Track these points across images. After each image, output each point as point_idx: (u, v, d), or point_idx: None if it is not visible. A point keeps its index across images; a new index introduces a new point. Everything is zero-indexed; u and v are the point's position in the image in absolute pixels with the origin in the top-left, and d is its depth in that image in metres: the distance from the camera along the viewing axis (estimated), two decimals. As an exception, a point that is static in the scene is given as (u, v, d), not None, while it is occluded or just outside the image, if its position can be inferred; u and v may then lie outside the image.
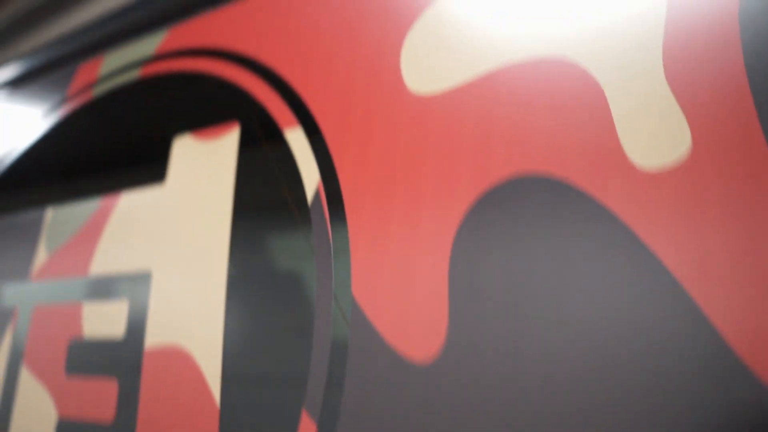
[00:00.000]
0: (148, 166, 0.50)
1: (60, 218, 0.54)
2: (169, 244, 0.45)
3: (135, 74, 0.56)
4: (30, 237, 0.56)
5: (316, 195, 0.39)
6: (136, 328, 0.44)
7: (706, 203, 0.27)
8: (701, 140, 0.28)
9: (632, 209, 0.28)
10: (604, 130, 0.30)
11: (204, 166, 0.46)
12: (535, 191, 0.31)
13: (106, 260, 0.49)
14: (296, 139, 0.42)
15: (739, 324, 0.25)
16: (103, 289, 0.48)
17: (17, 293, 0.54)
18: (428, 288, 0.32)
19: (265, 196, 0.42)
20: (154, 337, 0.43)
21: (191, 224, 0.44)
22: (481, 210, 0.32)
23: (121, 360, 0.44)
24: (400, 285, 0.33)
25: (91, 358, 0.46)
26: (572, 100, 0.32)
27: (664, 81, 0.29)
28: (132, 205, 0.49)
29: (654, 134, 0.29)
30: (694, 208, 0.27)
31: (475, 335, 0.30)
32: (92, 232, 0.51)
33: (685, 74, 0.29)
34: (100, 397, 0.44)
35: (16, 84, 0.73)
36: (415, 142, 0.36)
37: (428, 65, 0.38)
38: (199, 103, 0.50)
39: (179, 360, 0.40)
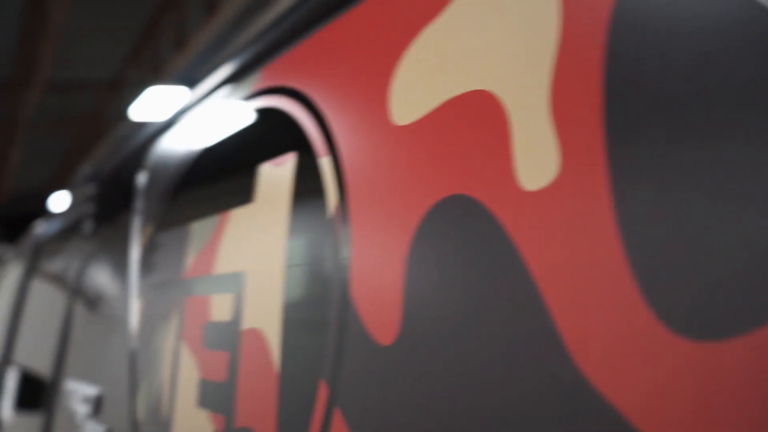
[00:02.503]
0: (244, 188, 0.65)
1: (199, 230, 0.73)
2: (254, 250, 0.60)
3: (243, 108, 0.72)
4: (184, 246, 0.75)
5: (335, 212, 0.50)
6: (237, 314, 0.60)
7: (569, 217, 0.33)
8: (567, 168, 0.33)
9: (514, 220, 0.35)
10: (504, 157, 0.37)
11: (276, 188, 0.60)
12: (460, 209, 0.39)
13: (223, 263, 0.65)
14: (325, 165, 0.53)
15: (577, 323, 0.31)
16: (220, 285, 0.64)
17: (178, 288, 0.74)
18: (390, 285, 0.42)
19: (306, 212, 0.54)
20: (246, 322, 0.58)
21: (269, 235, 0.59)
22: (428, 223, 0.41)
23: (230, 338, 0.60)
24: (377, 284, 0.44)
25: (214, 336, 0.63)
26: (485, 133, 0.39)
27: (549, 115, 0.35)
28: (236, 219, 0.65)
29: (533, 160, 0.35)
30: (560, 220, 0.33)
31: (424, 322, 0.40)
32: (215, 241, 0.68)
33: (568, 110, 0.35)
34: (219, 364, 0.61)
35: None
36: (395, 166, 0.45)
37: (404, 102, 0.46)
38: (276, 135, 0.63)
39: (258, 338, 0.55)
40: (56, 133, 10.22)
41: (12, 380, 1.74)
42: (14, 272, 2.21)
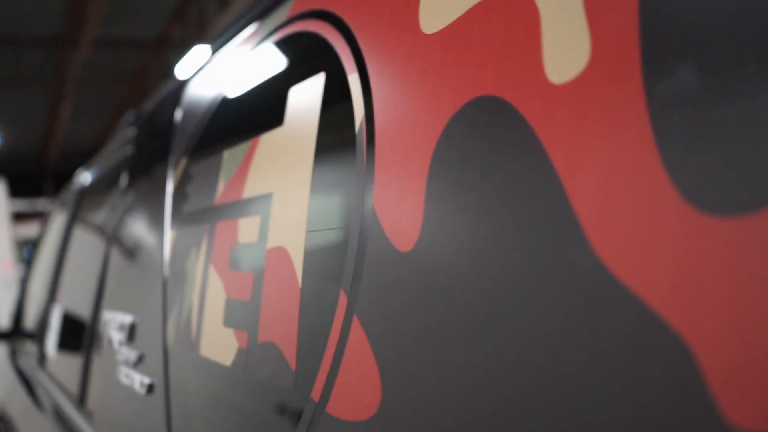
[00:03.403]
0: (274, 113, 0.65)
1: (230, 158, 0.73)
2: (282, 172, 0.60)
3: (275, 37, 0.71)
4: (216, 174, 0.76)
5: (360, 126, 0.49)
6: (263, 235, 0.60)
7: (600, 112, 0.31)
8: (597, 57, 0.32)
9: (540, 115, 0.34)
10: (532, 52, 0.35)
11: (305, 109, 0.59)
12: (483, 110, 0.37)
13: (251, 187, 0.65)
14: (353, 82, 0.52)
15: (609, 233, 0.30)
16: (248, 208, 0.65)
17: (209, 215, 0.75)
18: (413, 190, 0.41)
19: (333, 129, 0.53)
20: (271, 242, 0.58)
21: (296, 155, 0.58)
22: (451, 128, 0.40)
23: (255, 258, 0.60)
24: (399, 192, 0.43)
25: (241, 258, 0.64)
26: (512, 33, 0.37)
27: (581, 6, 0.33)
28: (265, 144, 0.65)
29: (563, 51, 0.33)
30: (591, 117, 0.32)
31: (441, 233, 0.39)
32: (245, 167, 0.68)
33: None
34: (244, 284, 0.61)
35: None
36: (422, 75, 0.44)
37: (434, 9, 0.45)
38: (305, 57, 0.63)
39: (281, 256, 0.55)
40: (103, 91, 10.44)
41: (57, 318, 1.81)
42: (60, 218, 2.29)
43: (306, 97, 0.59)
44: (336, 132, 0.53)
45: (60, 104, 10.18)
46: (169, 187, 0.94)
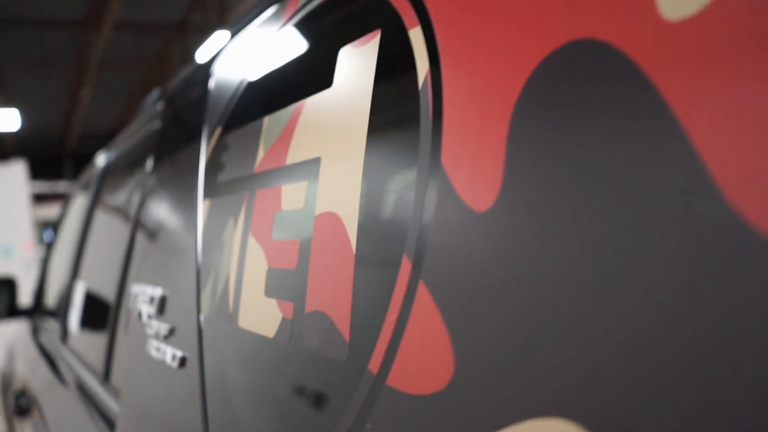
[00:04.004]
0: (321, 75, 0.61)
1: (271, 124, 0.70)
2: (331, 135, 0.57)
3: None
4: (255, 141, 0.73)
5: (425, 81, 0.46)
6: (310, 201, 0.57)
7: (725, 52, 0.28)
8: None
9: (660, 64, 0.30)
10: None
11: (357, 69, 0.56)
12: (579, 54, 0.34)
13: (295, 152, 0.62)
14: (416, 36, 0.48)
15: (740, 178, 0.26)
16: (292, 174, 0.62)
17: (247, 183, 0.72)
18: (491, 151, 0.38)
19: (391, 87, 0.50)
20: (319, 208, 0.55)
21: (345, 118, 0.55)
22: (538, 77, 0.36)
23: (301, 225, 0.57)
24: (472, 149, 0.39)
25: (285, 226, 0.61)
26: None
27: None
28: (312, 107, 0.62)
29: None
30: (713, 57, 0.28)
31: (525, 191, 0.36)
32: (288, 132, 0.65)
33: None
34: (289, 252, 0.58)
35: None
36: (503, 22, 0.41)
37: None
38: (357, 15, 0.59)
39: (334, 222, 0.52)
40: (124, 74, 10.48)
41: (80, 294, 1.81)
42: (81, 197, 2.29)
43: (359, 56, 0.56)
44: (395, 90, 0.50)
45: (81, 87, 10.24)
46: (203, 157, 0.91)
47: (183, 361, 0.79)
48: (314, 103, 0.61)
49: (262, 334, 0.60)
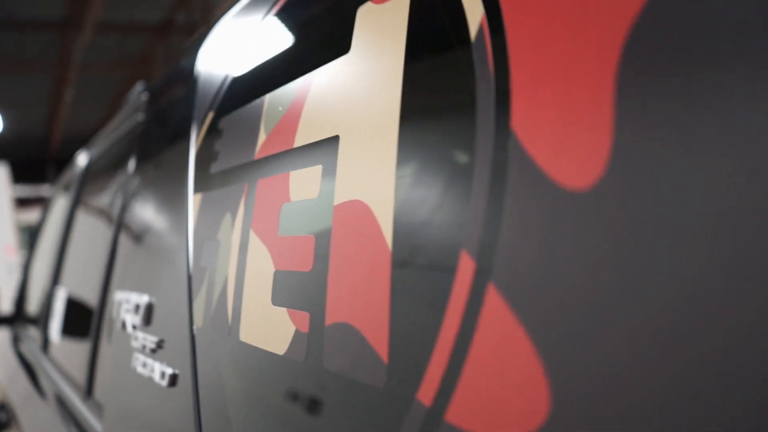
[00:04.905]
0: (335, 40, 0.51)
1: (274, 102, 0.60)
2: (352, 108, 0.47)
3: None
4: (254, 124, 0.63)
5: (479, 32, 0.36)
6: (327, 189, 0.47)
7: None
8: None
9: None
10: None
11: (383, 28, 0.46)
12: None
13: (306, 132, 0.52)
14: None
15: None
16: (303, 157, 0.52)
17: (246, 172, 0.62)
18: (592, 102, 0.28)
19: (432, 43, 0.40)
20: (340, 196, 0.45)
21: (370, 87, 0.45)
22: (658, 12, 0.27)
23: (317, 217, 0.47)
24: (559, 111, 0.30)
25: (294, 219, 0.51)
26: None
27: None
28: (325, 78, 0.52)
29: None
30: None
31: (639, 162, 0.26)
32: (296, 110, 0.55)
33: None
34: (301, 250, 0.48)
35: None
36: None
37: None
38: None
39: (360, 213, 0.42)
40: (107, 76, 10.30)
41: (61, 301, 1.69)
42: (61, 199, 2.16)
43: (383, 13, 0.46)
44: (436, 46, 0.40)
45: (63, 89, 10.05)
46: (192, 147, 0.81)
47: (173, 380, 0.68)
48: (328, 73, 0.51)
49: (269, 350, 0.50)
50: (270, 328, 0.51)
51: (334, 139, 0.48)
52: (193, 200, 0.75)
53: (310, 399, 0.44)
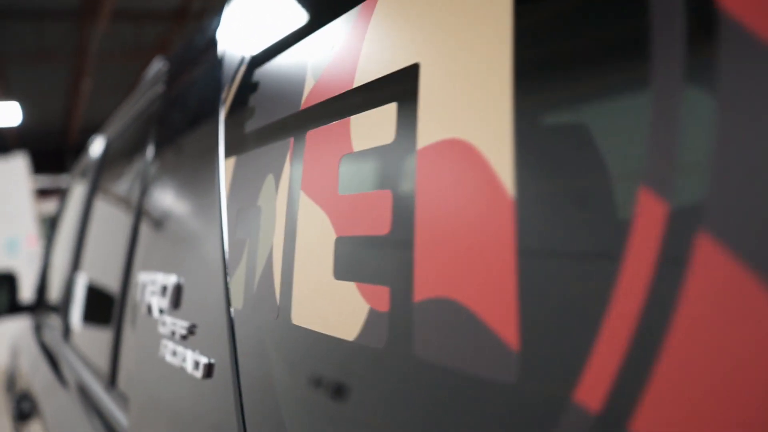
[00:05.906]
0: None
1: (322, 40, 0.50)
2: (434, 26, 0.36)
3: None
4: (298, 67, 0.53)
5: None
6: (407, 130, 0.37)
7: None
8: None
9: None
10: None
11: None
12: None
13: (369, 67, 0.42)
14: None
15: None
16: (368, 97, 0.41)
17: (291, 125, 0.52)
18: None
19: None
20: (427, 137, 0.35)
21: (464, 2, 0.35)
22: None
23: (393, 167, 0.37)
24: None
25: (359, 173, 0.41)
26: None
27: None
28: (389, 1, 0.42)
29: None
30: None
31: None
32: (355, 40, 0.45)
33: None
34: (372, 211, 0.38)
35: None
36: None
37: None
38: None
39: (461, 155, 0.32)
40: (124, 64, 10.27)
41: (81, 287, 1.62)
42: (81, 184, 2.09)
43: None
44: None
45: (81, 79, 10.05)
46: (222, 108, 0.71)
47: (209, 370, 0.59)
48: (397, -9, 0.41)
49: (333, 335, 0.40)
50: (333, 307, 0.41)
51: (412, 70, 0.38)
52: (224, 165, 0.66)
53: (394, 396, 0.34)
